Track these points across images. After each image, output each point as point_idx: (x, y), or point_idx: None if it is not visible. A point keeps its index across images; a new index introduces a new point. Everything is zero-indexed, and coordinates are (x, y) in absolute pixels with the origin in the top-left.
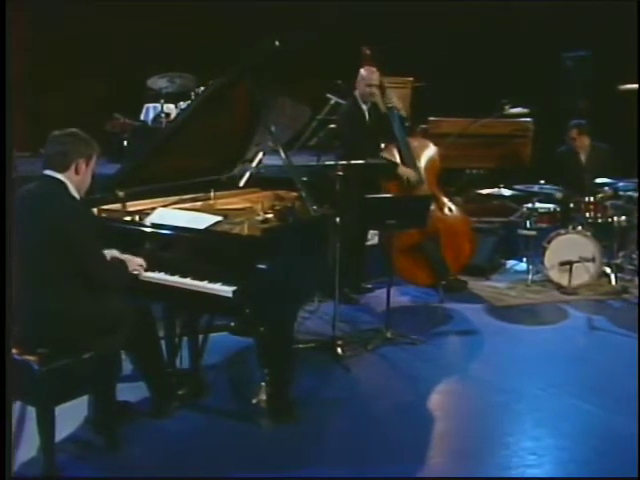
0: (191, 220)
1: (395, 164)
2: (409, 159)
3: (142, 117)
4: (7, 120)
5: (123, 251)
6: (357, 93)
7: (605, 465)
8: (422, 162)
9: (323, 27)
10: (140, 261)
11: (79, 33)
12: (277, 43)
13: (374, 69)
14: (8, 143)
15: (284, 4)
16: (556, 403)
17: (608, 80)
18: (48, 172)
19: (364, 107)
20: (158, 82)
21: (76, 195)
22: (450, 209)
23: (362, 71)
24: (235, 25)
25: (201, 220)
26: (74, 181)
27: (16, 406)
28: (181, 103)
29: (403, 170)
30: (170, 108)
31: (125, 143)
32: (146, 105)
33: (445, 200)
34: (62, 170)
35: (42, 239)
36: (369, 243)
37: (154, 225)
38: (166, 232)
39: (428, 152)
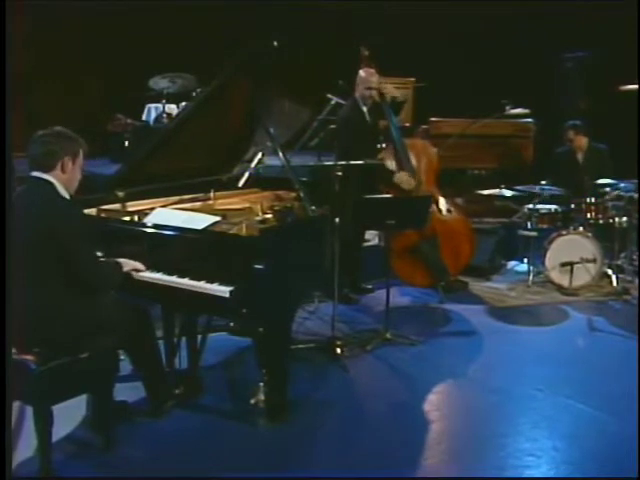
0: (189, 220)
1: (390, 172)
2: (405, 160)
3: (144, 117)
4: (7, 120)
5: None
6: (357, 95)
7: (603, 467)
8: (420, 163)
9: (324, 27)
10: (139, 265)
11: (81, 33)
12: (275, 43)
13: (373, 71)
14: (8, 143)
15: (284, 4)
16: (554, 404)
17: (608, 81)
18: (35, 173)
19: (364, 109)
20: (159, 82)
21: (65, 194)
22: (449, 210)
23: (361, 73)
24: (236, 25)
25: (199, 220)
26: (62, 180)
27: (15, 405)
28: (183, 103)
29: (398, 177)
30: (172, 108)
31: (127, 143)
32: (148, 105)
33: (443, 201)
34: (48, 170)
35: (35, 240)
36: (370, 244)
37: (153, 225)
38: (164, 232)
39: (426, 153)
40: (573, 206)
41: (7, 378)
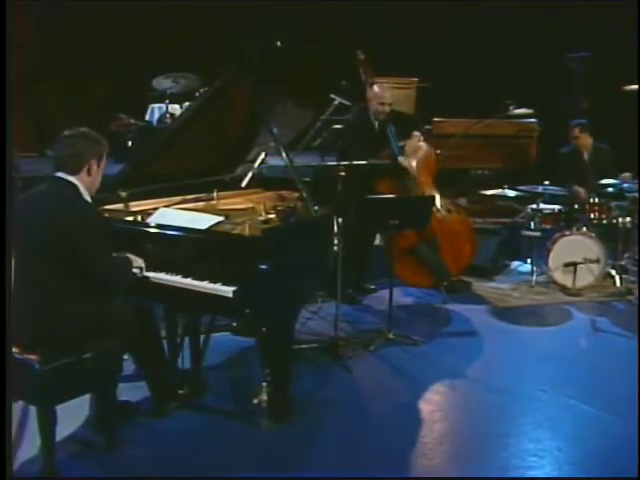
0: (193, 220)
1: (395, 158)
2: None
3: (147, 117)
4: (7, 120)
5: (124, 251)
6: (370, 110)
7: (606, 467)
8: (418, 163)
9: (324, 27)
10: (140, 262)
11: (83, 32)
12: (278, 44)
13: (387, 86)
14: (8, 143)
15: (284, 4)
16: (558, 405)
17: (611, 80)
18: (60, 174)
19: (376, 123)
20: (163, 82)
21: (88, 198)
22: (449, 210)
23: (375, 88)
24: (237, 25)
25: (203, 220)
26: (86, 183)
27: (18, 405)
28: (186, 104)
29: (404, 161)
30: (175, 108)
31: (130, 143)
32: (151, 105)
33: (442, 201)
34: (74, 172)
35: (50, 241)
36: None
37: (156, 225)
38: (167, 232)
39: (423, 153)
40: (577, 206)
41: (7, 378)
